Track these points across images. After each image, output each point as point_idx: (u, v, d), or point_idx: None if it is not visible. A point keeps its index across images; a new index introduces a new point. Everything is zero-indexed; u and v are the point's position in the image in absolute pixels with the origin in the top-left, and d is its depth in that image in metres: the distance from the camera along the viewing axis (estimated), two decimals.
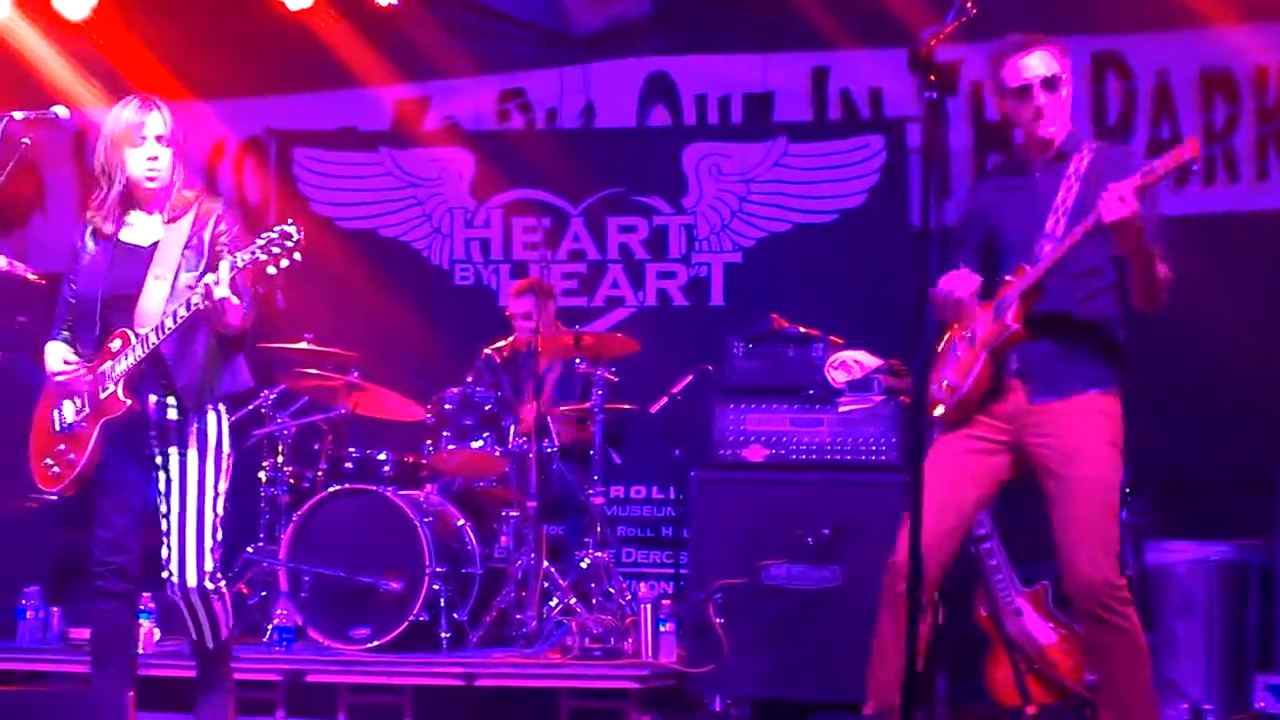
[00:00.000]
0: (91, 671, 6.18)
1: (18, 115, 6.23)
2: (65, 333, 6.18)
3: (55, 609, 8.68)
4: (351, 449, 9.00)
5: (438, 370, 9.74)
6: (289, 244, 5.78)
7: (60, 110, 6.30)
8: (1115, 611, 5.58)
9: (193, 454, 6.05)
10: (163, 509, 6.04)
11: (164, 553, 6.02)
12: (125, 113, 6.01)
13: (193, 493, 6.04)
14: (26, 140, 6.25)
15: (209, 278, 5.79)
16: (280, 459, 9.00)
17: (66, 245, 6.28)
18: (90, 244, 6.11)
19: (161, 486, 6.04)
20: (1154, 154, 5.55)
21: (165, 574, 6.02)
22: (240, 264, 5.79)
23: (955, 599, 6.55)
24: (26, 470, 6.24)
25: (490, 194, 11.03)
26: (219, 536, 6.08)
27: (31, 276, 8.43)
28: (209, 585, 6.03)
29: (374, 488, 8.58)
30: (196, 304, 5.80)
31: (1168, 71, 10.01)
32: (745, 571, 7.55)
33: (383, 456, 8.94)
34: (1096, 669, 5.87)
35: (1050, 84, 5.93)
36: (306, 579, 8.41)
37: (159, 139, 6.00)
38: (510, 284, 10.47)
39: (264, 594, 8.80)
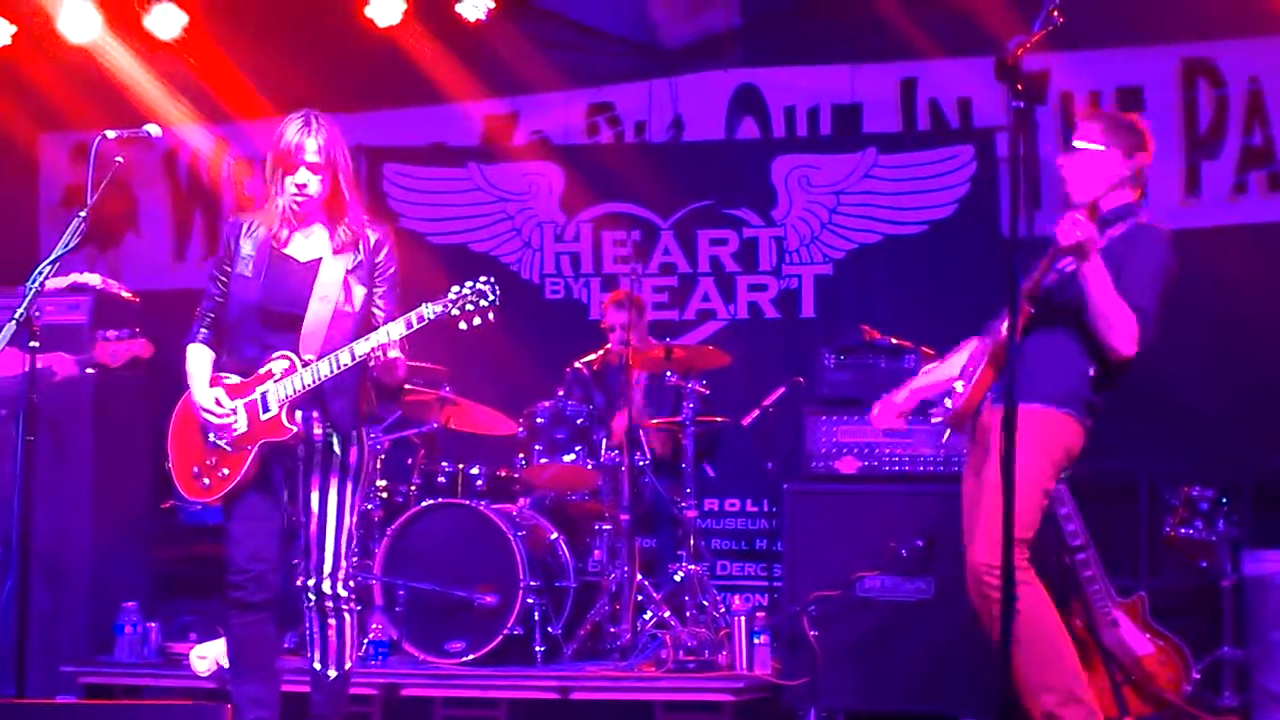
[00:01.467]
0: (230, 684, 6.26)
1: (110, 134, 6.24)
2: (205, 331, 6.20)
3: (153, 624, 8.74)
4: (444, 463, 9.03)
5: (529, 384, 9.75)
6: (483, 303, 5.87)
7: (152, 129, 6.30)
8: (994, 587, 5.78)
9: (339, 472, 6.10)
10: (303, 519, 6.10)
11: (305, 565, 6.12)
12: (287, 131, 6.00)
13: (333, 506, 6.09)
14: (119, 159, 6.27)
15: (382, 336, 5.83)
16: (374, 474, 9.03)
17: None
18: (247, 247, 6.10)
19: (311, 502, 6.09)
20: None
21: (301, 581, 6.13)
22: (430, 316, 5.85)
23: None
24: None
25: (580, 208, 11.06)
26: (354, 545, 6.19)
27: (125, 294, 8.49)
28: (342, 591, 6.13)
29: (467, 502, 8.61)
30: (374, 353, 5.84)
31: (1260, 78, 9.92)
32: (839, 584, 7.53)
33: (475, 471, 8.97)
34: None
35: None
36: (401, 593, 8.43)
37: (311, 166, 5.98)
38: (601, 297, 10.50)
39: (359, 609, 8.80)
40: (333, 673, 6.23)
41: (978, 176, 10.26)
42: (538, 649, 8.32)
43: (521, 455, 8.96)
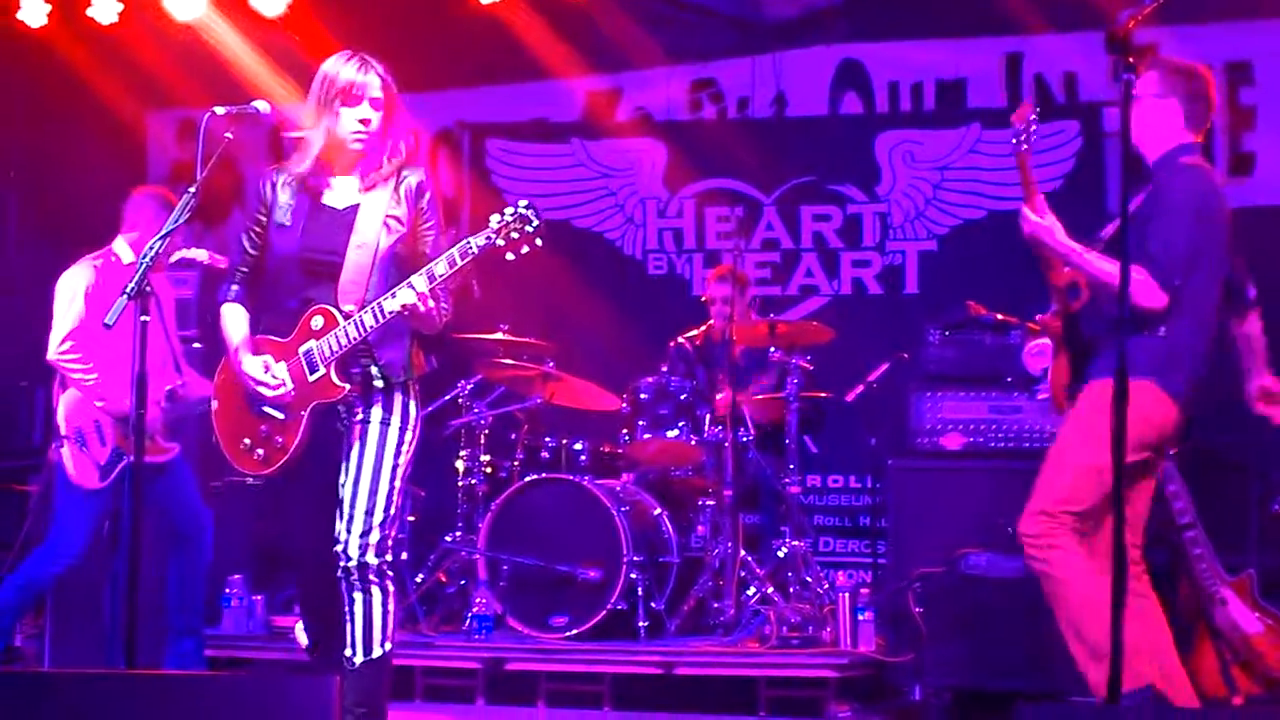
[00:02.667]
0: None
1: (219, 110, 6.24)
2: (238, 289, 5.92)
3: (259, 597, 8.82)
4: (547, 438, 9.06)
5: (632, 360, 9.77)
6: (528, 229, 5.53)
7: (261, 105, 6.27)
8: (1033, 556, 6.01)
9: (387, 427, 5.77)
10: (343, 479, 5.74)
11: (338, 526, 5.72)
12: (345, 69, 5.82)
13: (370, 463, 5.73)
14: (228, 135, 6.26)
15: (423, 280, 5.54)
16: (477, 449, 9.07)
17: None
18: (284, 196, 5.86)
19: (351, 458, 5.76)
20: None
21: (337, 546, 5.71)
22: (475, 249, 5.52)
23: (1159, 589, 6.43)
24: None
25: (683, 184, 11.05)
26: (393, 511, 5.76)
27: None
28: (372, 559, 5.70)
29: (571, 477, 8.64)
30: (410, 304, 5.56)
31: None
32: (944, 560, 7.48)
33: (579, 446, 9.00)
34: None
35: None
36: (505, 568, 8.47)
37: (374, 102, 5.78)
38: (703, 273, 10.50)
39: (463, 583, 8.88)
40: (359, 658, 5.80)
41: (1083, 152, 10.17)
42: (641, 624, 8.32)
43: (625, 431, 8.98)
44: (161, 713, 4.93)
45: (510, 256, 5.54)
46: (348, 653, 5.80)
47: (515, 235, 5.53)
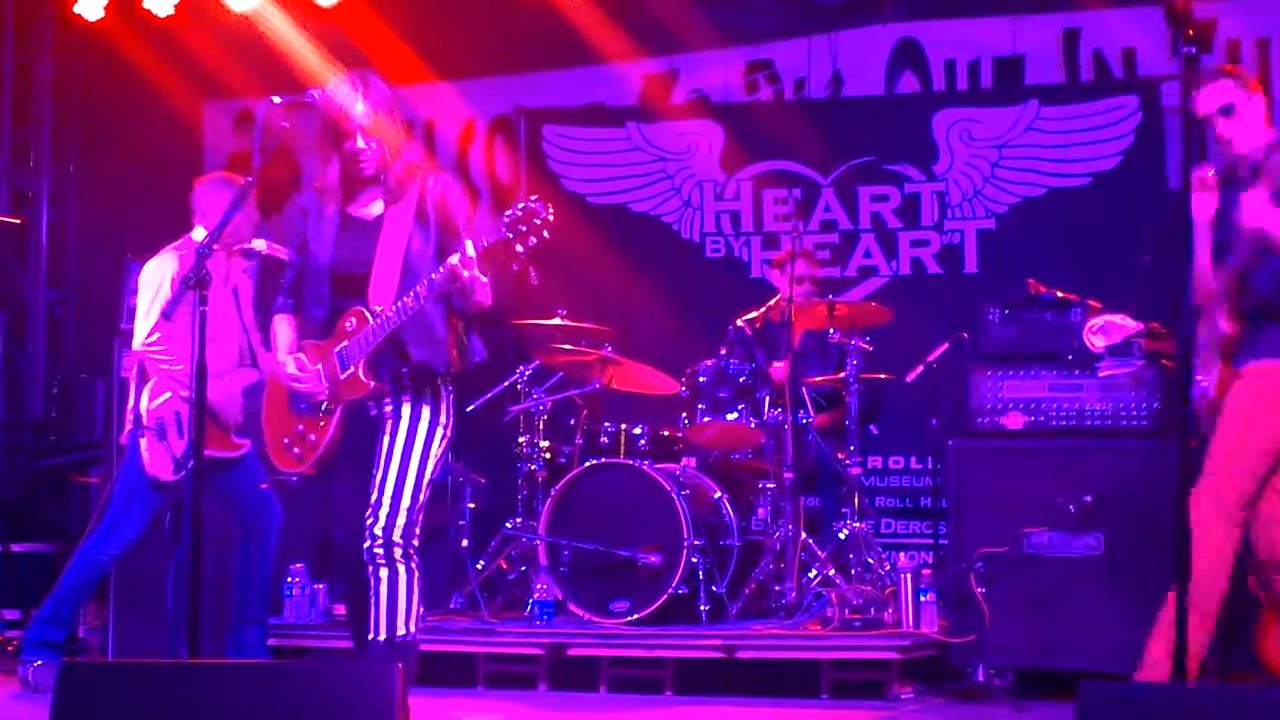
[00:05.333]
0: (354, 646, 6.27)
1: (276, 100, 6.27)
2: (286, 300, 6.20)
3: (320, 585, 8.84)
4: (607, 423, 9.05)
5: (691, 343, 9.75)
6: (536, 222, 5.67)
7: (318, 93, 6.32)
8: None
9: (418, 420, 5.98)
10: (375, 469, 5.96)
11: (368, 514, 5.92)
12: (335, 97, 5.98)
13: (400, 451, 5.94)
14: (286, 124, 6.28)
15: (453, 258, 5.73)
16: (536, 435, 9.07)
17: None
18: (318, 213, 6.10)
19: (382, 447, 5.97)
20: None
21: (368, 528, 5.89)
22: (486, 243, 5.72)
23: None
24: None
25: (740, 166, 11.01)
26: (421, 499, 5.95)
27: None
28: (397, 538, 5.88)
29: (630, 462, 8.62)
30: (437, 282, 5.77)
31: None
32: (1006, 540, 7.43)
33: (638, 430, 8.98)
34: None
35: (1228, 111, 6.25)
36: (565, 553, 8.46)
37: (363, 131, 5.95)
38: (762, 255, 10.50)
39: (523, 569, 8.89)
40: (381, 636, 5.92)
41: (1142, 127, 10.07)
42: (702, 608, 8.30)
43: (684, 414, 8.96)
44: (226, 701, 4.95)
45: (519, 249, 5.69)
46: (370, 634, 5.94)
47: (524, 228, 5.68)
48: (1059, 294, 7.82)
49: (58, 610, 7.91)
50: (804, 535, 8.49)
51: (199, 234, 7.94)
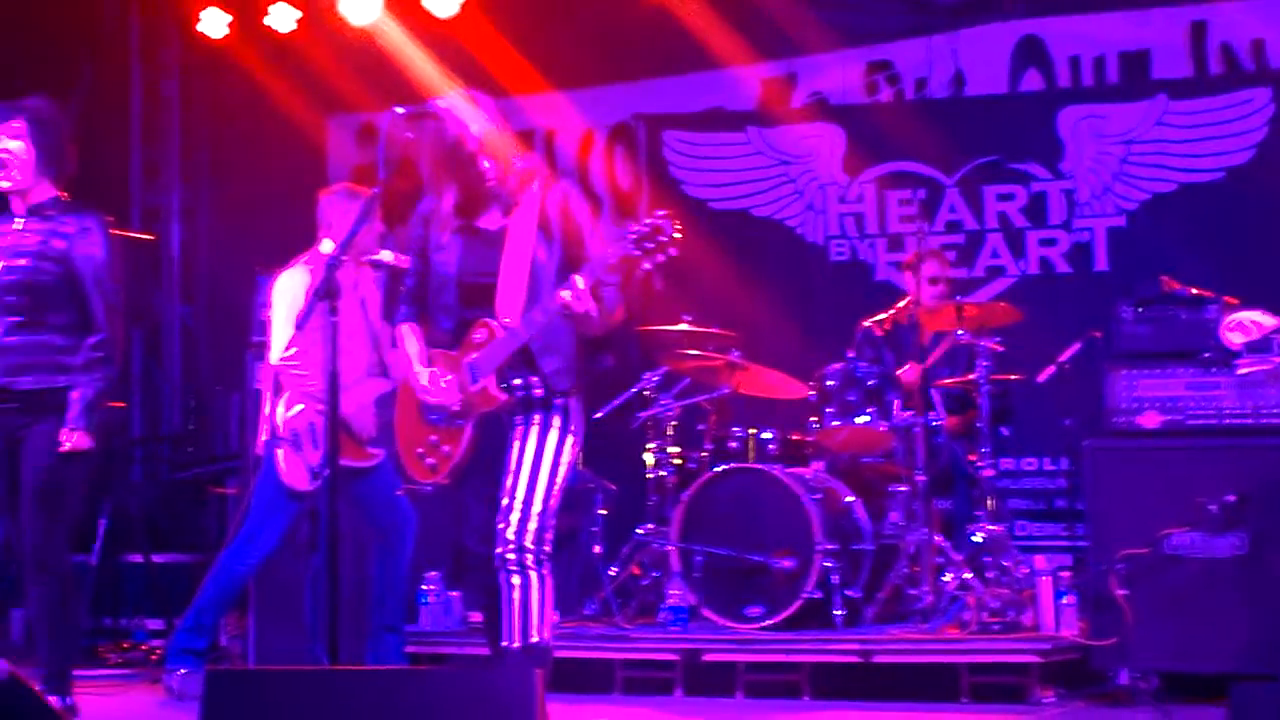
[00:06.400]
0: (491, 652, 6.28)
1: (400, 110, 6.30)
2: (408, 309, 6.22)
3: (455, 593, 8.88)
4: (735, 428, 9.02)
5: (818, 346, 9.70)
6: (662, 238, 5.66)
7: (441, 104, 6.35)
8: None
9: (548, 429, 6.00)
10: (507, 478, 5.97)
11: (499, 523, 5.94)
12: (452, 114, 6.03)
13: (530, 458, 5.96)
14: (409, 135, 6.32)
15: (565, 293, 5.73)
16: (665, 441, 9.06)
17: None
18: (440, 224, 6.12)
19: (512, 455, 5.99)
20: None
21: (500, 534, 5.91)
22: (612, 260, 5.73)
23: None
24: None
25: (862, 168, 10.98)
26: (552, 505, 5.96)
27: None
28: (529, 544, 5.89)
29: (760, 466, 8.59)
30: (557, 310, 5.79)
31: None
32: (1146, 541, 7.33)
33: (767, 435, 8.95)
34: None
35: None
36: (698, 559, 8.44)
37: (481, 146, 5.99)
38: (886, 257, 10.45)
39: (656, 575, 8.87)
40: (516, 642, 5.94)
41: (1276, 119, 9.94)
42: (837, 613, 8.25)
43: (813, 418, 8.90)
44: (367, 707, 4.98)
45: (646, 266, 5.68)
46: (504, 641, 5.95)
47: (650, 245, 5.66)
48: (1194, 291, 7.72)
49: (199, 620, 7.98)
50: (938, 538, 8.42)
51: (326, 246, 7.99)
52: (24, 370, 6.63)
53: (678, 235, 5.67)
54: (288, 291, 7.90)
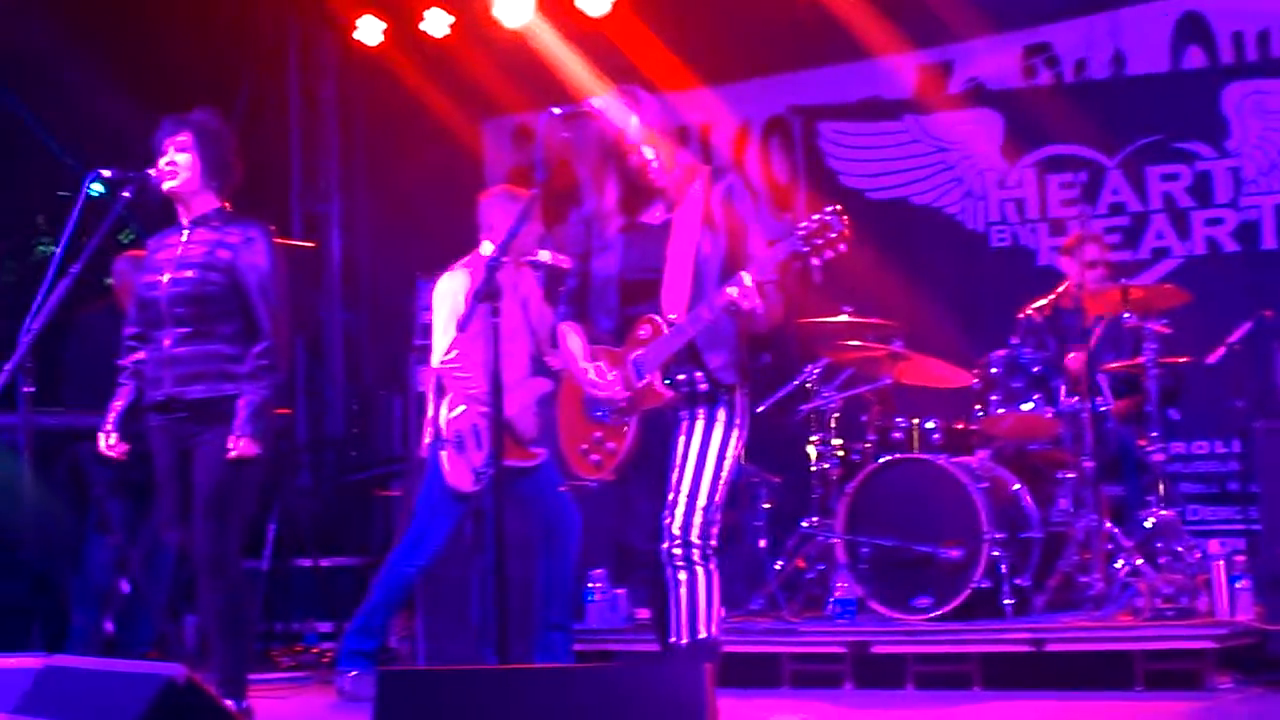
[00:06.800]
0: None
1: (556, 110, 6.33)
2: (568, 308, 6.22)
3: (621, 590, 8.89)
4: (899, 419, 8.96)
5: (980, 334, 9.61)
6: (832, 235, 5.62)
7: (598, 102, 6.37)
8: None
9: (714, 424, 5.96)
10: (672, 473, 5.95)
11: (665, 518, 5.91)
12: (612, 113, 6.04)
13: (695, 452, 5.93)
14: (566, 135, 6.34)
15: (732, 290, 5.71)
16: (828, 433, 9.02)
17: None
18: (600, 222, 6.13)
19: (678, 450, 5.96)
20: None
21: (666, 529, 5.89)
22: (781, 257, 5.70)
23: None
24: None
25: (1021, 153, 10.84)
26: (718, 499, 5.92)
27: None
28: (695, 539, 5.85)
29: (925, 456, 8.53)
30: (720, 303, 5.77)
31: None
32: None
33: (931, 425, 8.88)
34: None
35: None
36: (864, 550, 8.40)
37: (644, 143, 5.99)
38: (1049, 242, 10.32)
39: (822, 567, 8.84)
40: (684, 638, 5.92)
41: None
42: (1006, 602, 8.16)
43: (978, 406, 8.82)
44: (538, 706, 4.99)
45: (815, 262, 5.64)
46: (672, 638, 5.93)
47: (820, 241, 5.62)
48: None
49: (369, 622, 8.06)
50: (1108, 524, 8.31)
51: (486, 248, 8.04)
52: (193, 380, 6.72)
53: (847, 231, 5.64)
54: (448, 294, 7.95)
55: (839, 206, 5.69)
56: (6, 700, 4.94)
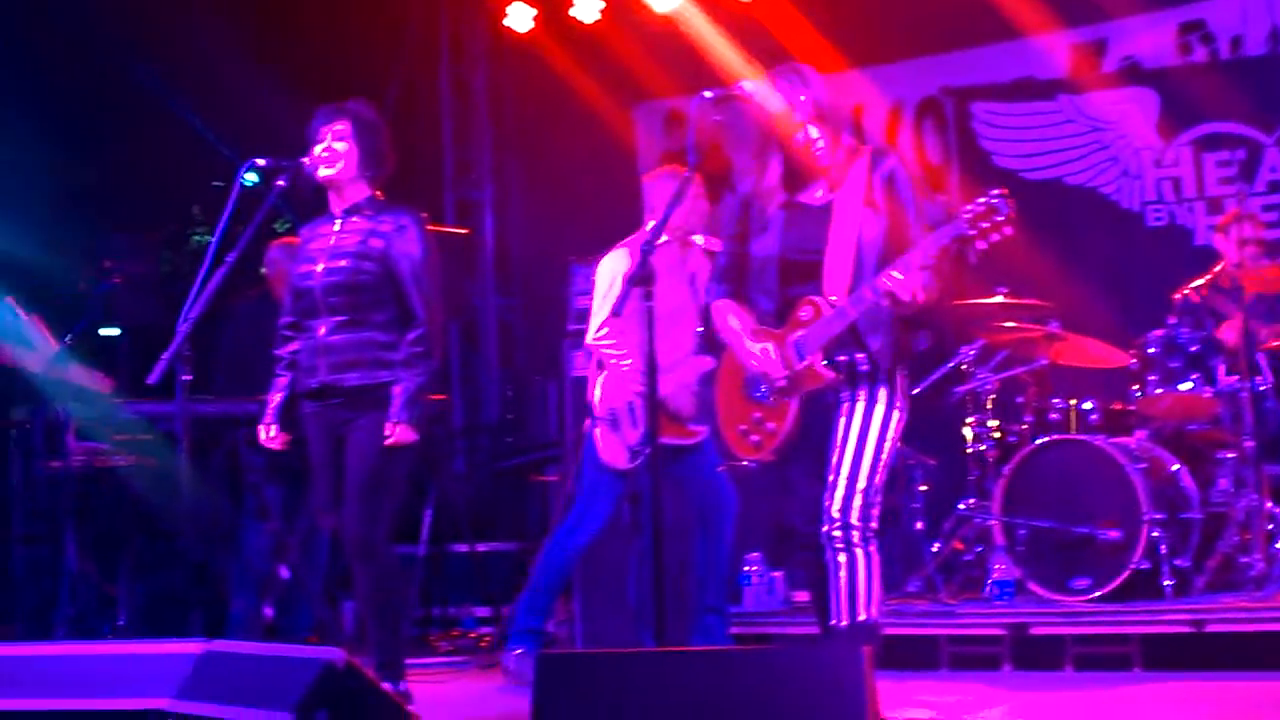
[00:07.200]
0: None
1: (708, 94, 6.35)
2: (725, 286, 6.21)
3: (777, 573, 8.91)
4: (1055, 400, 8.91)
5: (1137, 314, 9.53)
6: (999, 218, 5.62)
7: (749, 85, 6.38)
8: None
9: (874, 405, 5.95)
10: (832, 455, 5.95)
11: (825, 500, 5.92)
12: (777, 92, 6.03)
13: (855, 437, 5.92)
14: (718, 119, 6.36)
15: (889, 279, 5.71)
16: (984, 414, 8.98)
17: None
18: (760, 201, 6.12)
19: (838, 432, 5.96)
20: None
21: (826, 511, 5.91)
22: (945, 241, 5.70)
23: None
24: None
25: (1178, 131, 10.69)
26: (877, 482, 5.92)
27: None
28: (854, 521, 5.86)
29: (1083, 437, 8.48)
30: (886, 290, 5.76)
31: None
32: None
33: (1088, 405, 8.83)
34: None
35: None
36: (1021, 533, 8.37)
37: (811, 121, 5.99)
38: (1206, 220, 10.19)
39: (979, 549, 8.82)
40: (844, 621, 5.91)
41: None
42: (1165, 583, 8.11)
43: (1135, 386, 8.75)
44: (697, 688, 5.03)
45: (981, 245, 5.63)
46: (831, 620, 5.93)
47: (986, 225, 5.62)
48: None
49: (533, 602, 8.14)
50: (1269, 505, 8.21)
51: (649, 227, 8.10)
52: (348, 367, 6.82)
53: (1013, 215, 5.64)
54: (606, 274, 8.02)
55: (1004, 190, 5.68)
56: (168, 685, 5.04)
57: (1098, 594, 8.08)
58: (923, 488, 9.13)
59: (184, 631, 7.68)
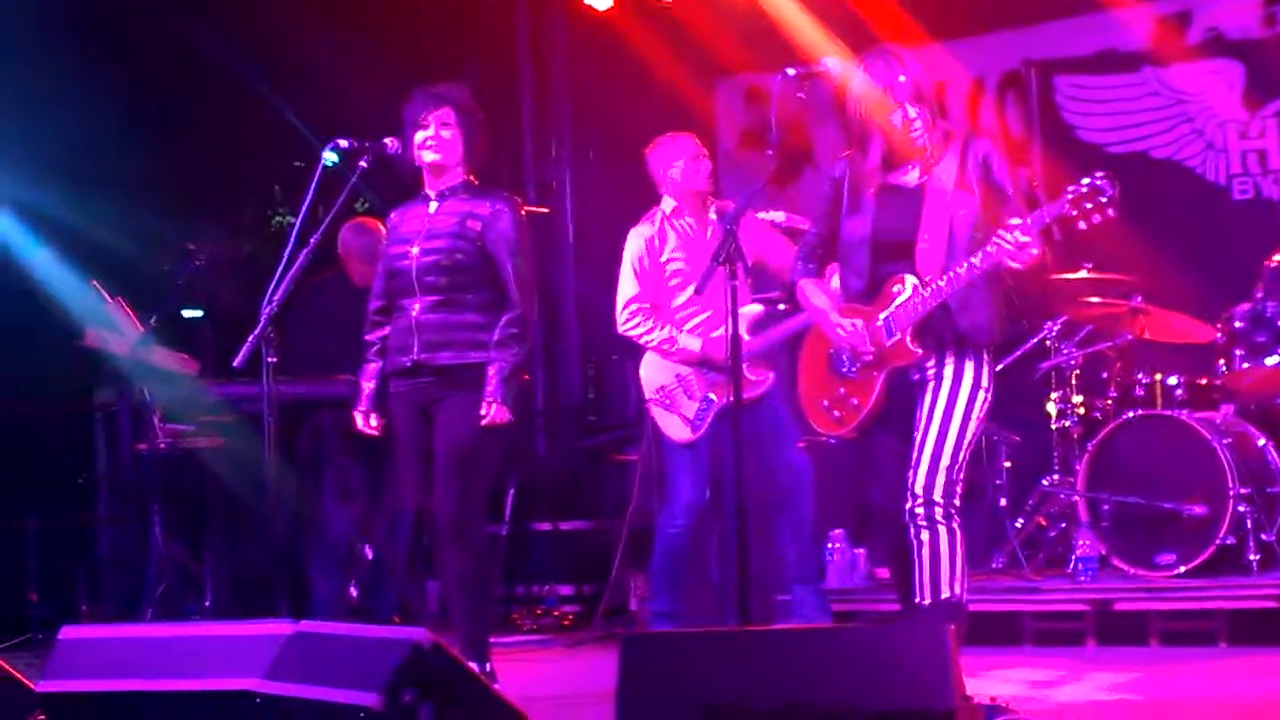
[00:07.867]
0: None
1: (790, 71, 6.34)
2: (810, 265, 6.28)
3: (860, 550, 8.90)
4: (1140, 375, 8.85)
5: (1222, 288, 9.42)
6: (1102, 199, 5.64)
7: (831, 62, 6.37)
8: None
9: (960, 382, 5.99)
10: (916, 431, 5.99)
11: (909, 477, 5.96)
12: (873, 71, 6.03)
13: (940, 414, 5.97)
14: (801, 96, 6.35)
15: (1003, 241, 5.71)
16: (1068, 390, 8.93)
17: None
18: (854, 182, 6.13)
19: (922, 409, 6.00)
20: None
21: (909, 488, 5.95)
22: (1048, 219, 5.71)
23: None
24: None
25: (1263, 103, 10.58)
26: (962, 459, 5.95)
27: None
28: (937, 498, 5.90)
29: (1168, 412, 8.42)
30: (992, 254, 5.76)
31: None
32: None
33: (1173, 380, 8.76)
34: None
35: None
36: (1106, 508, 8.31)
37: (909, 99, 5.99)
38: None
39: (1063, 525, 8.78)
40: (927, 600, 5.95)
41: None
42: (1252, 558, 8.04)
43: (1221, 361, 8.68)
44: (781, 666, 5.02)
45: (1082, 226, 5.66)
46: (916, 598, 5.97)
47: (1089, 205, 5.64)
48: None
49: (656, 587, 8.14)
50: None
51: (667, 205, 8.14)
52: (441, 346, 6.88)
53: (1116, 195, 5.67)
54: (628, 254, 8.09)
55: (1109, 172, 5.68)
56: (257, 665, 5.07)
57: (1183, 569, 8.01)
58: (1006, 463, 9.10)
59: (269, 613, 7.73)
